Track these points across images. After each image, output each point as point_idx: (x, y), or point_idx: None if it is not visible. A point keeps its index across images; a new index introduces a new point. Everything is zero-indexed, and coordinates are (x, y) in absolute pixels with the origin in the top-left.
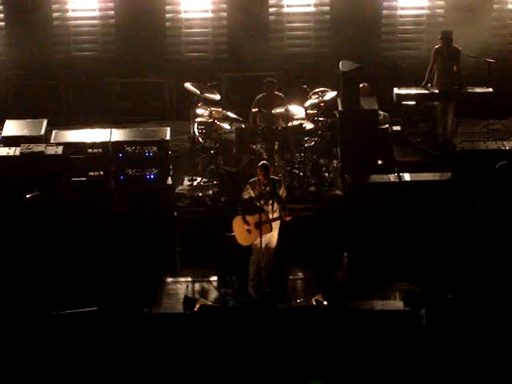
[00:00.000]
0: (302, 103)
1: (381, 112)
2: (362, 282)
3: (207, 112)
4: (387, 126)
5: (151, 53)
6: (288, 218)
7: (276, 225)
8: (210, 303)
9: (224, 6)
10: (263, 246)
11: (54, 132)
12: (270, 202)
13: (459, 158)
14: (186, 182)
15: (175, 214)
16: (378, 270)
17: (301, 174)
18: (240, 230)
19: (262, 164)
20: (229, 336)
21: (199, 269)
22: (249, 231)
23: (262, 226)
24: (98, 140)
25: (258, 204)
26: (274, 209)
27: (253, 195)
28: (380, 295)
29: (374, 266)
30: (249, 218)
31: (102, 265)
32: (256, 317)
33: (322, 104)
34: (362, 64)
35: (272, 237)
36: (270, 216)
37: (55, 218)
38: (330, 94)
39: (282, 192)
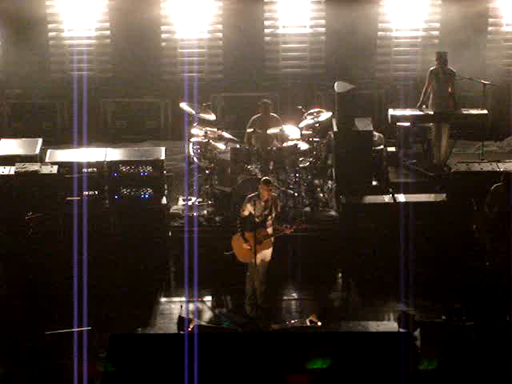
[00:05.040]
0: (297, 124)
1: (375, 133)
2: (357, 303)
3: (202, 132)
4: (382, 147)
5: (147, 72)
6: (289, 231)
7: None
8: (204, 323)
9: (219, 26)
10: (258, 261)
11: (48, 151)
12: (269, 217)
13: (454, 179)
14: (181, 202)
15: (169, 233)
16: (373, 291)
17: (295, 194)
18: (240, 247)
19: (265, 180)
20: (223, 356)
21: (193, 289)
22: (249, 248)
23: (263, 241)
24: (93, 159)
25: (258, 220)
26: (272, 224)
27: (252, 212)
28: (374, 316)
29: (369, 287)
30: (248, 235)
31: (95, 284)
32: (250, 337)
33: (317, 125)
34: (357, 85)
35: (267, 251)
36: (270, 231)
37: (49, 236)
38: (325, 115)
39: (279, 207)
